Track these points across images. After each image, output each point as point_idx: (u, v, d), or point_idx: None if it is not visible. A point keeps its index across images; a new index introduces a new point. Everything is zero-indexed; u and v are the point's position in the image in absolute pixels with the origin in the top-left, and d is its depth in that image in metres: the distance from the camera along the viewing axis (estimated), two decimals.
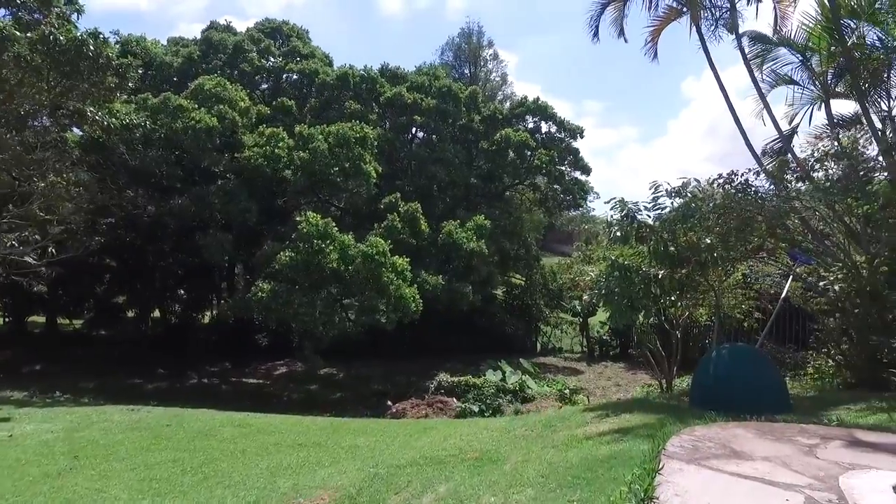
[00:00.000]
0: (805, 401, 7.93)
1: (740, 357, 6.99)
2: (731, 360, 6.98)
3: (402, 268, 19.46)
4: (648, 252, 8.65)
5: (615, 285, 8.60)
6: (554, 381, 22.28)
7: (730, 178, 8.02)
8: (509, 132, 27.20)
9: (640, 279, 8.56)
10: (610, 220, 8.41)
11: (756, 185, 8.08)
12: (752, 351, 7.03)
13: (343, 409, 21.06)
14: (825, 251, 9.03)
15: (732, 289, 10.89)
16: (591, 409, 8.17)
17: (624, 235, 8.19)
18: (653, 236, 8.26)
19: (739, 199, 7.79)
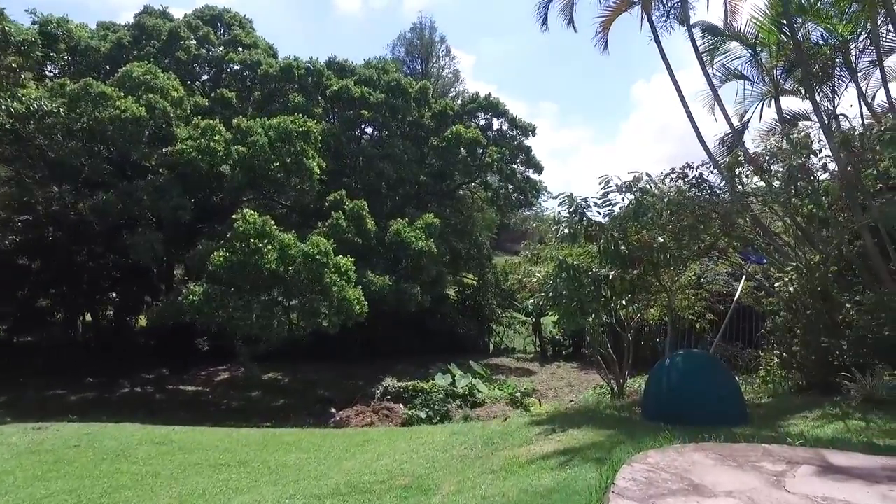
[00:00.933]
0: (760, 408, 7.54)
1: (695, 365, 6.49)
2: (686, 369, 6.48)
3: (346, 268, 18.53)
4: (599, 252, 8.12)
5: (563, 287, 8.02)
6: (505, 384, 21.77)
7: (683, 172, 7.55)
8: (460, 129, 26.57)
9: (590, 280, 8.01)
10: (557, 217, 7.81)
11: (710, 181, 7.64)
12: (706, 358, 6.57)
13: (286, 417, 19.99)
14: (778, 250, 8.70)
15: (685, 289, 10.52)
16: (538, 423, 7.56)
17: (572, 234, 7.61)
18: (603, 235, 7.71)
19: (694, 194, 7.32)
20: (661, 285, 8.66)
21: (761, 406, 7.61)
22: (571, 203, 7.83)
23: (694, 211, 7.31)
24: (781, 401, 7.96)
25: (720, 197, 7.45)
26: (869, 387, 7.45)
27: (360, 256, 22.06)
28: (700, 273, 10.74)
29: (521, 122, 29.29)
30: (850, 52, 10.18)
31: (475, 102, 29.28)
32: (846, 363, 8.24)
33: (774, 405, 7.65)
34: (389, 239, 22.35)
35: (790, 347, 8.81)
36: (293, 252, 17.70)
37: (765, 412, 7.09)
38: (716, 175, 7.90)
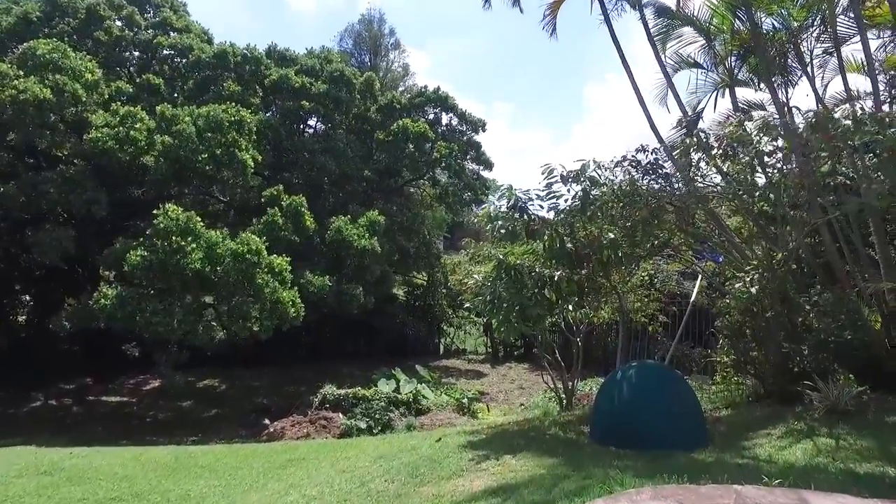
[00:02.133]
0: (720, 423, 6.81)
1: (649, 379, 5.67)
2: (639, 384, 5.65)
3: (280, 268, 17.19)
4: (543, 250, 7.23)
5: (503, 290, 7.08)
6: (453, 389, 20.84)
7: (635, 159, 6.73)
8: (407, 123, 25.48)
9: (534, 282, 7.11)
10: (495, 212, 6.88)
11: (666, 169, 6.85)
12: (662, 371, 5.78)
13: (216, 429, 18.53)
14: (735, 247, 8.03)
15: (637, 290, 9.80)
16: (474, 445, 6.61)
17: (511, 230, 6.68)
18: (547, 231, 6.81)
19: (648, 184, 6.52)
20: (612, 286, 7.88)
21: (720, 420, 6.89)
22: (510, 196, 6.90)
23: (648, 203, 6.52)
24: (741, 412, 7.27)
25: (676, 187, 6.69)
26: (832, 396, 6.83)
27: (299, 256, 20.71)
28: (653, 273, 10.04)
29: (471, 117, 28.44)
30: (800, 43, 9.71)
31: (423, 96, 28.24)
32: (806, 369, 7.64)
33: (734, 418, 6.94)
34: (330, 237, 21.08)
35: (747, 352, 8.15)
36: (221, 251, 16.26)
37: (725, 429, 6.36)
38: (670, 167, 7.14)
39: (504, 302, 7.10)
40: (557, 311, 7.25)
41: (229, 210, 26.30)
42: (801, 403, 7.22)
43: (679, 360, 10.17)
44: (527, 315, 7.06)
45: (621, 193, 6.58)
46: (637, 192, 6.50)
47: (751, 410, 7.34)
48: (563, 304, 7.09)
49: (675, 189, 6.68)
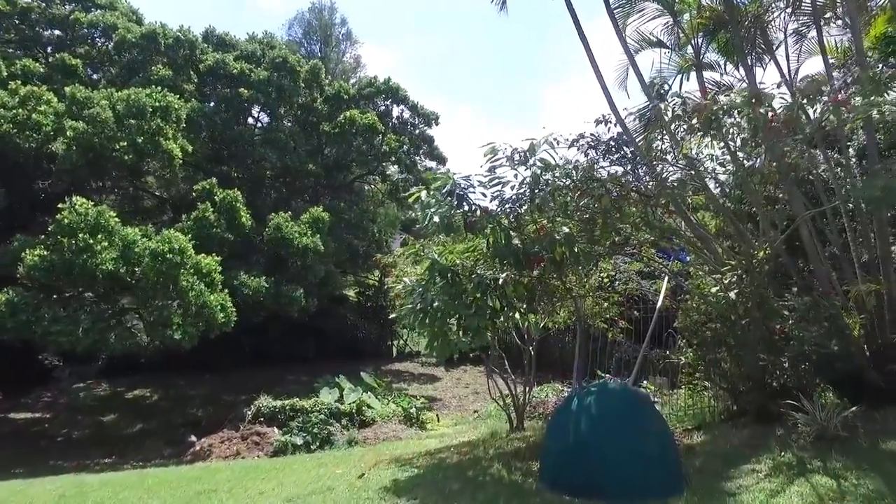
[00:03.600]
0: (694, 453, 5.72)
1: (612, 409, 4.51)
2: (600, 415, 4.48)
3: (208, 269, 15.52)
4: (488, 247, 6.01)
5: (436, 297, 5.83)
6: (403, 396, 19.52)
7: (595, 139, 5.55)
8: (355, 114, 23.99)
9: (475, 287, 5.88)
10: (426, 198, 5.62)
11: (630, 149, 5.73)
12: (628, 397, 4.64)
13: (137, 447, 16.71)
14: (706, 245, 7.00)
15: (595, 292, 8.71)
16: (399, 489, 5.34)
17: (446, 223, 5.44)
18: (490, 224, 5.59)
19: (610, 166, 5.39)
20: (567, 289, 6.75)
21: (694, 450, 5.82)
22: (446, 181, 5.65)
23: (609, 191, 5.39)
24: (715, 437, 6.23)
25: (642, 172, 5.57)
26: (820, 419, 5.85)
27: (234, 255, 19.03)
28: (613, 273, 8.98)
29: (423, 109, 27.13)
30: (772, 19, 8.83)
31: (373, 86, 26.76)
32: (786, 384, 6.68)
33: (709, 446, 5.88)
34: (269, 235, 19.46)
35: (718, 364, 7.14)
36: (139, 250, 14.48)
37: (701, 462, 5.27)
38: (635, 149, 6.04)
39: (438, 312, 5.85)
40: (502, 320, 6.05)
41: (164, 206, 24.33)
42: (781, 425, 6.24)
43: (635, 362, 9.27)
44: (468, 327, 5.84)
45: (578, 179, 5.43)
46: (596, 177, 5.38)
47: (726, 434, 6.30)
48: (509, 312, 5.91)
49: (640, 174, 5.58)
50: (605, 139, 5.52)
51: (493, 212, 5.53)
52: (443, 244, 6.93)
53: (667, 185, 5.06)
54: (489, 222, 5.46)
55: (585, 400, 4.54)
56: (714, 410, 7.36)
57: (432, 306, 5.85)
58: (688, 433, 6.65)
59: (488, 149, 5.92)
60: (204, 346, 18.25)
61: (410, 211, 32.38)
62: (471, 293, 5.90)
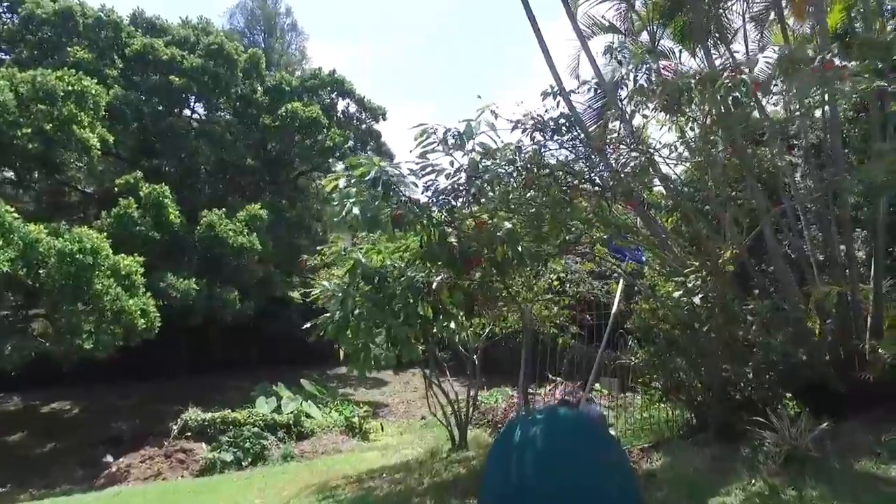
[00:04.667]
0: (654, 484, 5.00)
1: (562, 441, 3.70)
2: (547, 450, 3.67)
3: (128, 270, 14.08)
4: (421, 246, 5.15)
5: (359, 304, 4.92)
6: (347, 403, 18.47)
7: (540, 120, 4.72)
8: (297, 106, 22.72)
9: (403, 292, 5.00)
10: (345, 186, 4.71)
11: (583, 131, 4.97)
12: (581, 426, 3.85)
13: (47, 468, 15.08)
14: (662, 244, 6.34)
15: (544, 295, 7.98)
16: None
17: (368, 216, 4.53)
18: (421, 219, 4.72)
19: (559, 150, 4.61)
20: (511, 294, 5.96)
21: (654, 476, 5.11)
22: (370, 168, 4.75)
23: (558, 180, 4.62)
24: (677, 460, 5.55)
25: (596, 158, 4.81)
26: (789, 437, 5.25)
27: (162, 255, 17.57)
28: (564, 274, 8.28)
29: (370, 103, 26.07)
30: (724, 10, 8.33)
31: (317, 78, 25.53)
32: (751, 397, 6.08)
33: (671, 472, 5.19)
34: (201, 234, 18.05)
35: (677, 374, 6.50)
36: (44, 250, 12.94)
37: (664, 496, 4.56)
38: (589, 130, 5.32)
39: (360, 321, 4.95)
40: (436, 330, 5.21)
41: (89, 202, 22.44)
42: (746, 442, 5.63)
43: (588, 366, 8.69)
44: (397, 338, 4.96)
45: (522, 166, 4.63)
46: (544, 163, 4.60)
47: (688, 454, 5.64)
48: (443, 321, 5.07)
49: (595, 161, 4.82)
50: (553, 116, 4.72)
51: (425, 204, 4.66)
52: (372, 243, 6.03)
53: (624, 173, 4.30)
54: (419, 217, 4.59)
55: (530, 431, 3.75)
56: (673, 425, 6.72)
57: (353, 315, 4.94)
58: (646, 453, 5.97)
59: (419, 130, 5.05)
60: (136, 352, 16.77)
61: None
62: (399, 299, 5.02)
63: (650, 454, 5.92)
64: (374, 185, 4.79)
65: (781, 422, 5.38)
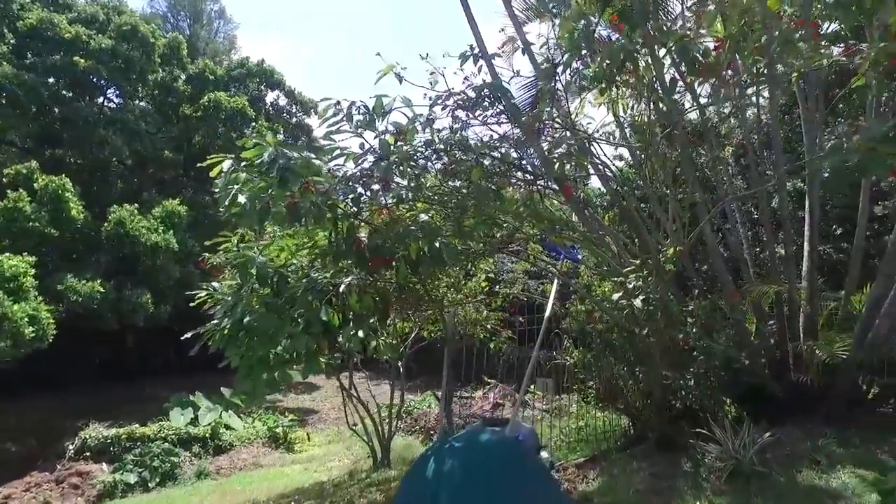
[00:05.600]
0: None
1: (484, 474, 3.05)
2: (465, 486, 3.01)
3: (14, 272, 12.52)
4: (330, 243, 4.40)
5: (251, 311, 4.13)
6: (271, 412, 17.31)
7: (464, 96, 4.05)
8: (221, 96, 21.29)
9: (302, 295, 4.25)
10: (232, 175, 3.91)
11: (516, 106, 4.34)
12: (504, 455, 3.21)
13: None
14: (598, 241, 5.85)
15: (475, 297, 7.37)
16: None
17: (259, 207, 3.76)
18: (324, 210, 3.97)
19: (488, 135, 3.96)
20: (431, 297, 5.31)
21: (591, 500, 4.56)
22: (263, 150, 3.96)
23: (484, 168, 3.98)
24: (615, 478, 5.05)
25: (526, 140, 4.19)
26: (733, 450, 4.85)
27: (63, 255, 15.91)
28: (495, 274, 7.71)
29: (301, 96, 24.85)
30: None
31: (244, 68, 24.10)
32: (692, 406, 5.68)
33: (609, 494, 4.66)
34: (109, 231, 16.46)
35: (614, 381, 6.03)
36: None
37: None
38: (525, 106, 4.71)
39: (253, 332, 4.16)
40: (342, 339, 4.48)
41: None
42: (688, 455, 5.21)
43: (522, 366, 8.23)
44: (293, 350, 4.20)
45: (440, 148, 3.96)
46: (466, 144, 3.95)
47: (626, 470, 5.15)
48: (351, 329, 4.35)
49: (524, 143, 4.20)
50: (474, 84, 4.04)
51: (328, 191, 3.91)
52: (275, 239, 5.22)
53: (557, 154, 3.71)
54: (320, 207, 3.84)
55: (445, 464, 3.08)
56: (610, 435, 6.26)
57: (243, 323, 4.13)
58: (581, 470, 5.45)
59: (325, 106, 4.30)
60: (40, 360, 15.05)
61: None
62: (299, 304, 4.25)
63: (586, 470, 5.40)
64: (269, 170, 4.01)
65: (724, 432, 4.98)
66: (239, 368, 4.19)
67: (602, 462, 5.55)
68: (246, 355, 4.22)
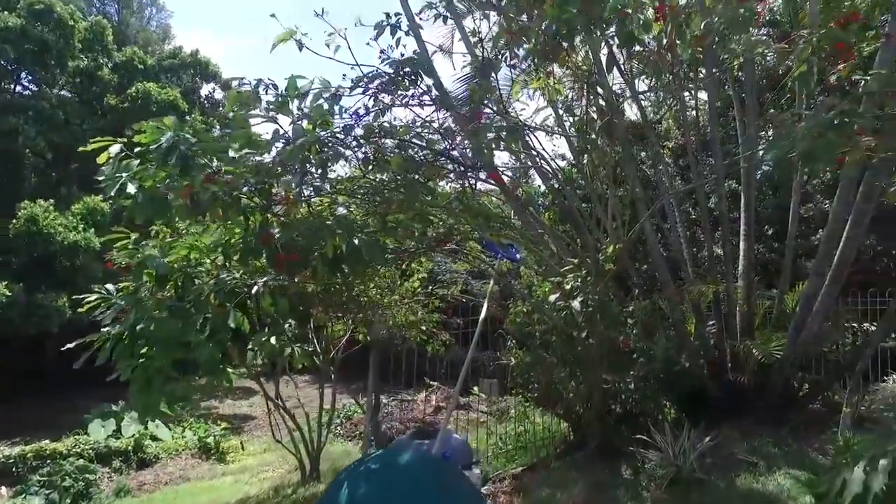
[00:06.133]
0: None
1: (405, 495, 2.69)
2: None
3: None
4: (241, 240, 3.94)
5: (145, 316, 3.63)
6: (203, 421, 16.36)
7: (387, 77, 3.66)
8: (151, 87, 20.09)
9: (207, 298, 3.78)
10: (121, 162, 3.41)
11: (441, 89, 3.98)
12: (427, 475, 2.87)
13: None
14: (537, 239, 5.59)
15: (410, 299, 7.00)
16: None
17: (151, 198, 3.27)
18: (231, 204, 3.53)
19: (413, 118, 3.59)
20: (358, 299, 4.92)
21: None
22: (161, 133, 3.48)
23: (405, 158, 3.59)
24: (554, 489, 4.78)
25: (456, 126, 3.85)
26: (673, 455, 4.68)
27: None
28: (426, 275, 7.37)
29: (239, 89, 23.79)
30: None
31: (177, 58, 22.87)
32: (633, 411, 5.51)
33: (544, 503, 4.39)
34: (18, 229, 15.15)
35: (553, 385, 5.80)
36: None
37: None
38: None
39: (149, 340, 3.65)
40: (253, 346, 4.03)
41: None
42: (628, 463, 5.02)
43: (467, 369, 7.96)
44: (196, 361, 3.72)
45: (362, 135, 3.56)
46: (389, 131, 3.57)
47: (565, 481, 4.90)
48: (263, 336, 3.89)
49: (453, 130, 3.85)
50: (393, 58, 3.63)
51: (231, 182, 3.45)
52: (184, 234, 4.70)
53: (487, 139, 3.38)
54: (223, 198, 3.39)
55: (359, 490, 2.71)
56: (550, 442, 6.03)
57: (136, 330, 3.62)
58: (518, 481, 5.17)
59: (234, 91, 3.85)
60: None
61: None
62: (203, 307, 3.78)
63: (524, 481, 5.13)
64: (168, 157, 3.51)
65: (664, 438, 4.80)
66: (131, 382, 3.67)
67: (541, 471, 5.29)
68: (141, 367, 3.70)
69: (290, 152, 3.17)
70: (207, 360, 3.69)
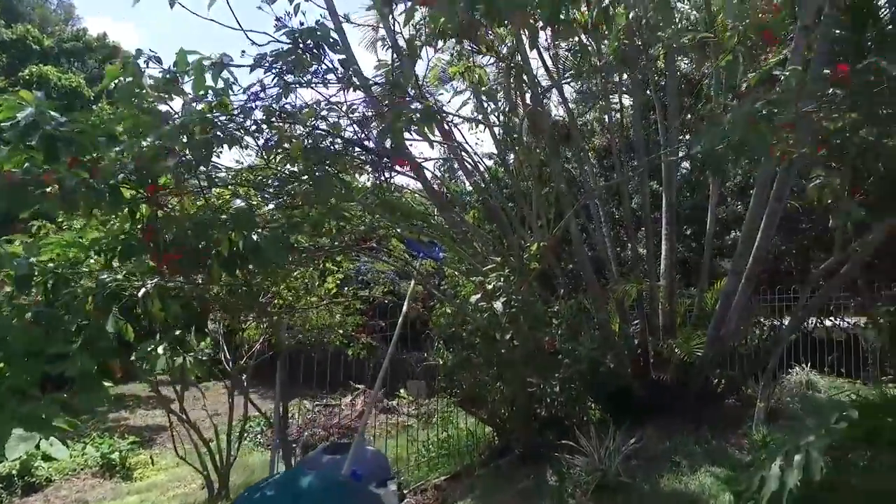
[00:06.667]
0: None
1: None
2: None
3: None
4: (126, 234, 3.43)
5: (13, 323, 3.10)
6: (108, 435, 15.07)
7: (291, 53, 3.24)
8: (49, 71, 18.41)
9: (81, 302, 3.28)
10: None
11: None
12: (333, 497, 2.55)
13: None
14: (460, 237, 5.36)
15: (329, 301, 6.60)
16: None
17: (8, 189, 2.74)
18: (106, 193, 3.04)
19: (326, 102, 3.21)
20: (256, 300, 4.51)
21: None
22: (20, 109, 2.95)
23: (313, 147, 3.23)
24: (476, 499, 4.55)
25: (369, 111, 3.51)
26: (598, 461, 4.56)
27: None
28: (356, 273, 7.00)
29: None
30: None
31: (80, 40, 21.14)
32: (557, 414, 5.38)
33: None
34: None
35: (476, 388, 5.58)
36: None
37: None
38: None
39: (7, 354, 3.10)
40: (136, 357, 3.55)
41: None
42: (554, 468, 4.87)
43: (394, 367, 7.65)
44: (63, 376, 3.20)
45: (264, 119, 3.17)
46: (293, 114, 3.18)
47: (489, 489, 4.69)
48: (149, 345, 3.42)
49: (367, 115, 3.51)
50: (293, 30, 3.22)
51: (106, 169, 2.97)
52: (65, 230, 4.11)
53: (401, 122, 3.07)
54: (93, 188, 2.91)
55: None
56: (475, 448, 5.81)
57: None
58: (440, 491, 4.91)
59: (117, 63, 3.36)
60: None
61: None
62: (76, 313, 3.27)
63: (446, 492, 4.88)
64: (28, 136, 2.99)
65: (590, 441, 4.68)
66: None
67: (465, 480, 5.05)
68: None
69: (166, 133, 2.74)
70: (80, 374, 3.18)
